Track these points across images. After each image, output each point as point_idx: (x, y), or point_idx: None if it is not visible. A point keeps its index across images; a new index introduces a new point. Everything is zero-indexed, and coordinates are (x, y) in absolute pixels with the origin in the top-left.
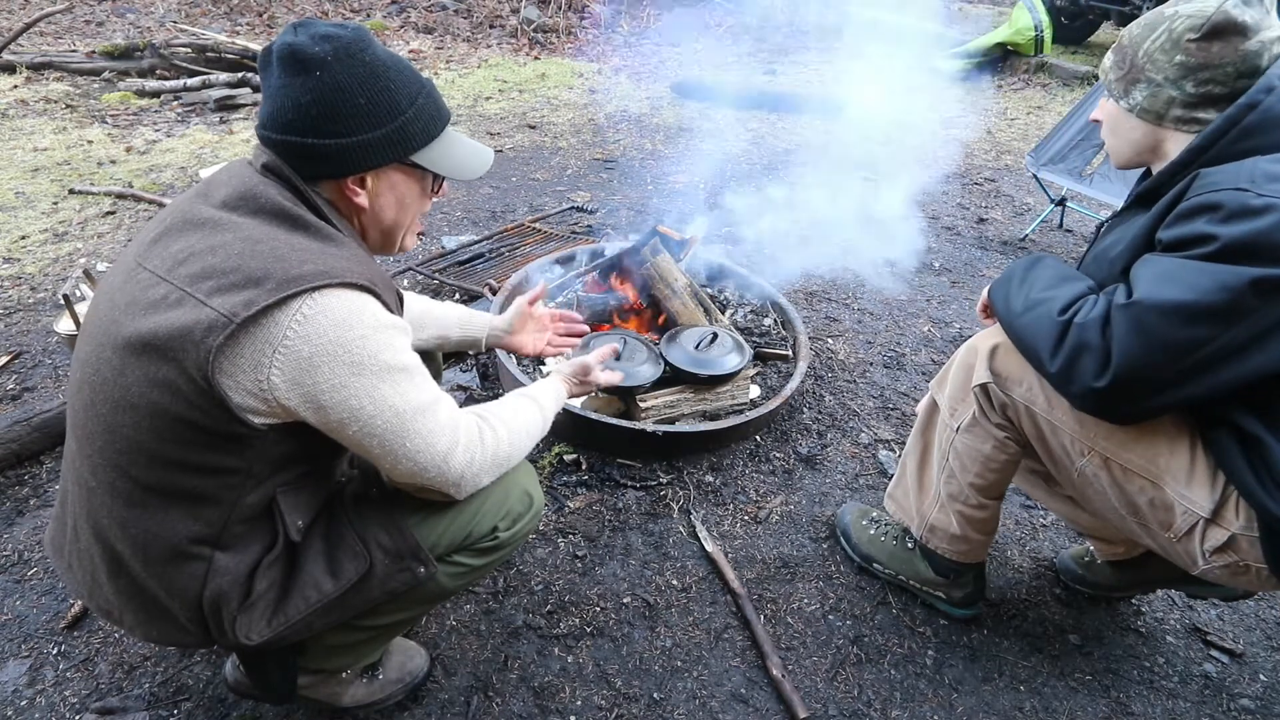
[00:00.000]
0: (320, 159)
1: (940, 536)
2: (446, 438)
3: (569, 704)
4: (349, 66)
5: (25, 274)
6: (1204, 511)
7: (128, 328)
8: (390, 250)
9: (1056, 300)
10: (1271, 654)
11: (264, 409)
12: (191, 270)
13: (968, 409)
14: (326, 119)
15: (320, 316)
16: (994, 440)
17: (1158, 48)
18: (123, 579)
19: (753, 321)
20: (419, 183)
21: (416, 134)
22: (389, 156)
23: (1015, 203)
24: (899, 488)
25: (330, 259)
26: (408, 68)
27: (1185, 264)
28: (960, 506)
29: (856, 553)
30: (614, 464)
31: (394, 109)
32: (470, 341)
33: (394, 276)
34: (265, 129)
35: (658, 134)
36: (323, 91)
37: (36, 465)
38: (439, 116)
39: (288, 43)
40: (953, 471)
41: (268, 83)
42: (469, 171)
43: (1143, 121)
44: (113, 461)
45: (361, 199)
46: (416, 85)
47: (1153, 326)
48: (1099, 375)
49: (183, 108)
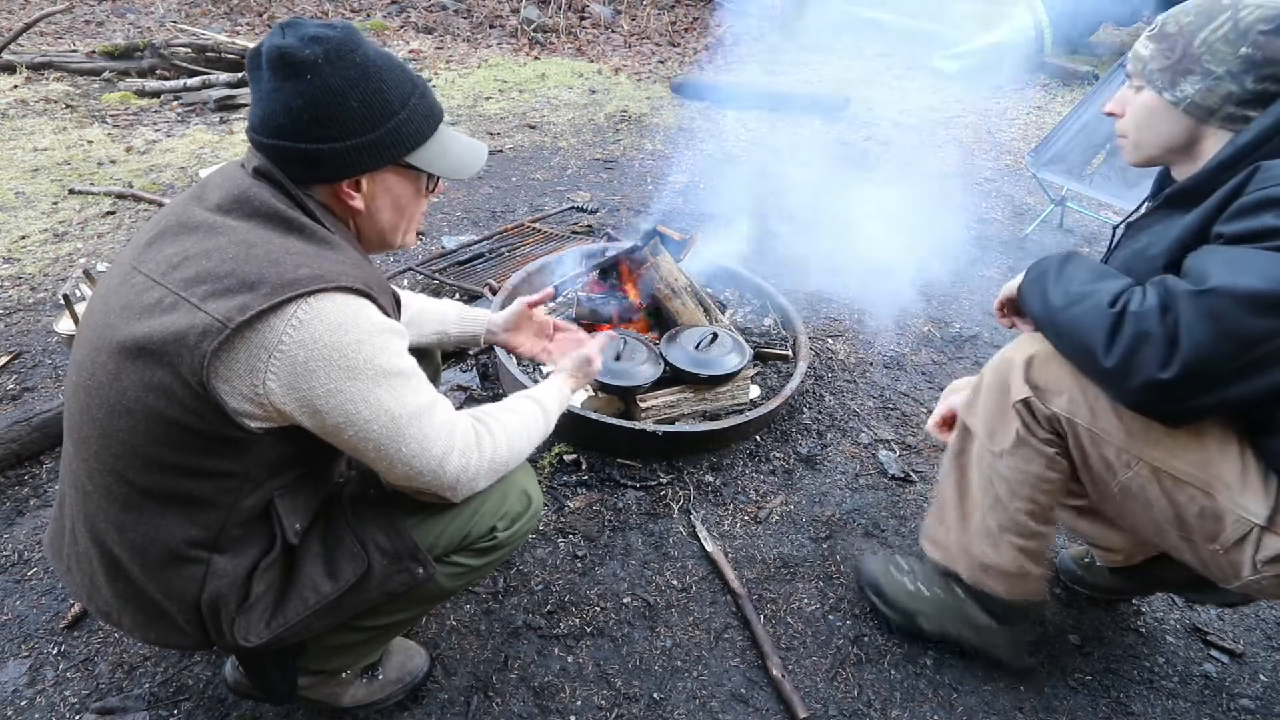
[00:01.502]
0: (313, 163)
1: (994, 575)
2: (442, 442)
3: (569, 704)
4: (340, 69)
5: (25, 274)
6: (1259, 519)
7: (122, 332)
8: (388, 249)
9: (1103, 292)
10: (1271, 654)
11: (260, 413)
12: (186, 274)
13: (1009, 429)
14: (319, 123)
15: (316, 321)
16: (1044, 458)
17: (1220, 38)
18: (121, 582)
19: (753, 321)
20: (414, 183)
21: (410, 135)
22: (383, 159)
23: (1015, 203)
24: (938, 527)
25: (325, 262)
26: (399, 66)
27: (1260, 254)
28: (1013, 538)
29: (895, 610)
30: (614, 464)
31: (387, 110)
32: (469, 337)
33: (394, 277)
34: (256, 133)
35: (658, 134)
36: (314, 95)
37: (36, 465)
38: (432, 115)
39: (276, 45)
40: (999, 499)
41: (257, 85)
42: (464, 170)
43: (1188, 116)
44: (109, 466)
45: (357, 202)
46: (409, 84)
47: (1227, 314)
48: (1164, 365)
49: (183, 108)
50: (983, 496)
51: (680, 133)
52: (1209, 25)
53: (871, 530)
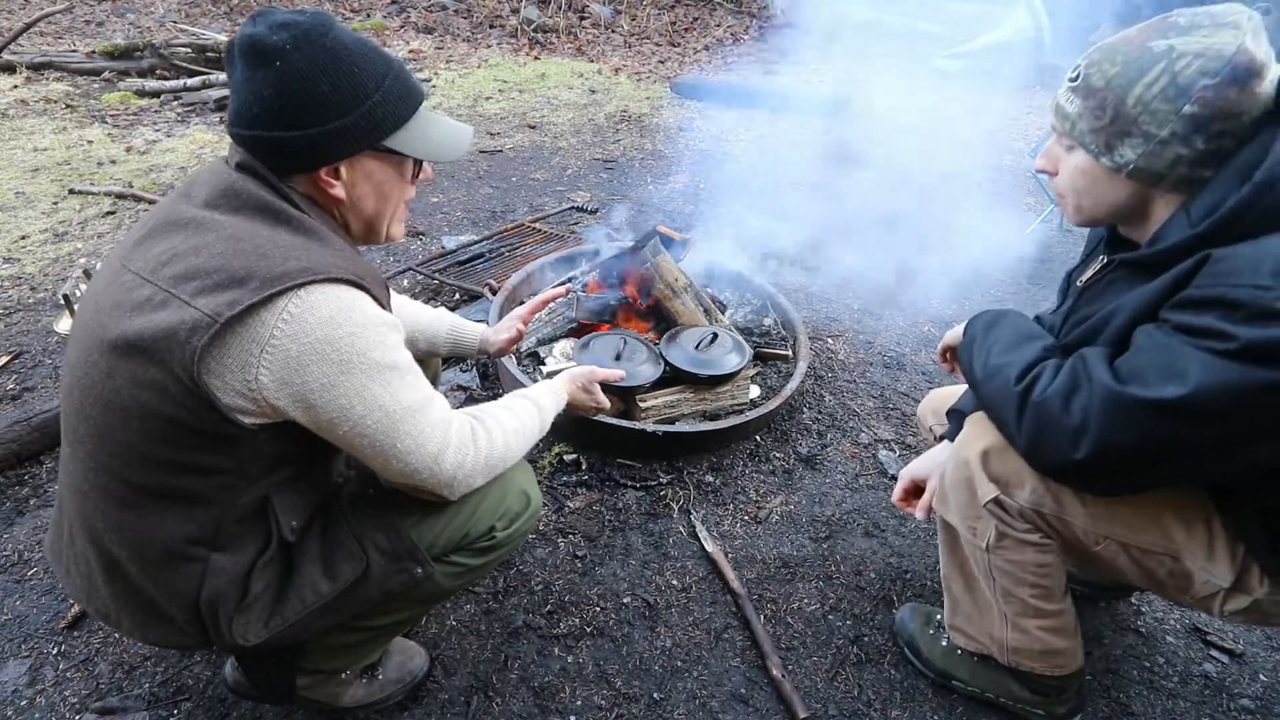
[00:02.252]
0: (290, 153)
1: (1029, 656)
2: (438, 438)
3: (569, 704)
4: (309, 53)
5: (25, 274)
6: (1225, 583)
7: (113, 330)
8: (376, 240)
9: (1012, 367)
10: (1271, 654)
11: (253, 409)
12: (175, 271)
13: (988, 526)
14: (290, 110)
15: (308, 314)
16: (1032, 546)
17: (1157, 95)
18: (119, 582)
19: (753, 321)
20: (396, 169)
21: (386, 118)
22: (359, 144)
23: (1015, 203)
24: (957, 617)
25: (315, 254)
26: (373, 49)
27: (1195, 354)
28: (1033, 621)
29: (930, 669)
30: (614, 464)
31: (360, 93)
32: (461, 354)
33: (394, 277)
34: (234, 125)
35: (658, 134)
36: (284, 81)
37: (36, 465)
38: (409, 97)
39: (247, 34)
40: (1007, 590)
41: (232, 78)
42: (447, 152)
43: (1133, 181)
44: (104, 464)
45: (338, 190)
46: (384, 66)
47: (1145, 421)
48: (1073, 448)
49: (183, 108)
50: (990, 589)
51: (680, 133)
52: (1141, 80)
53: (871, 530)
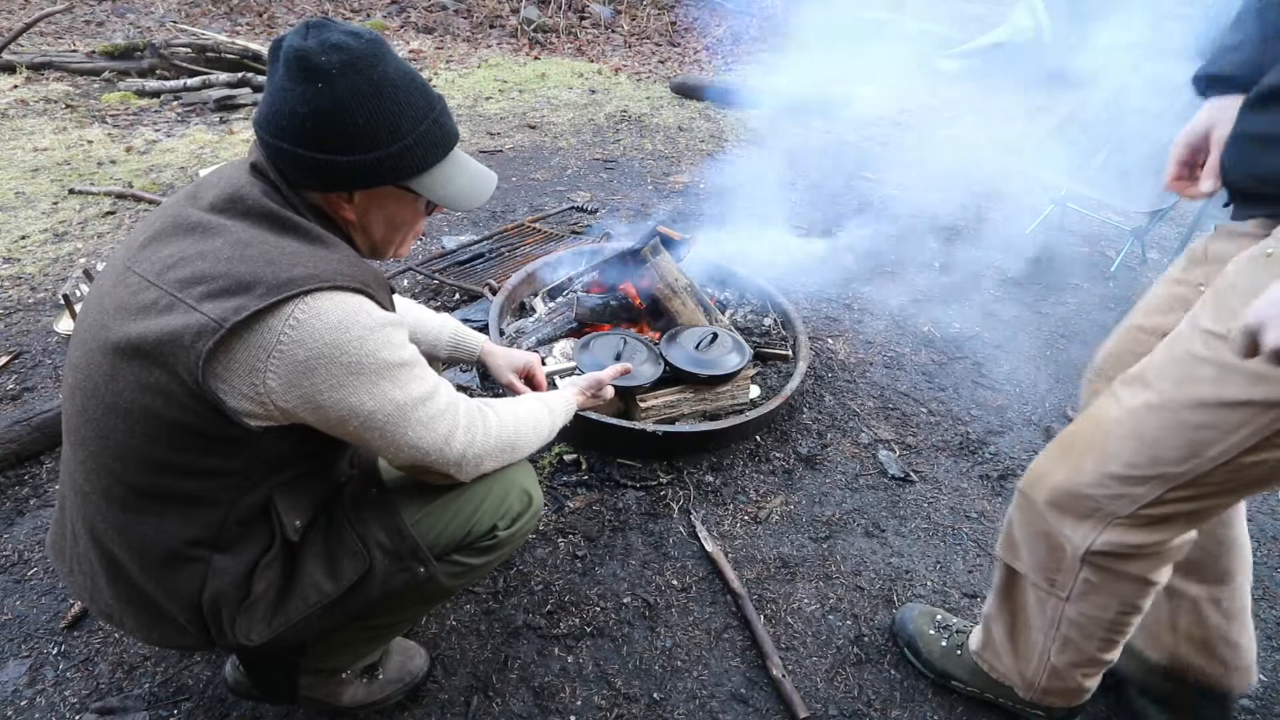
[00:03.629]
0: (309, 170)
1: (1058, 694)
2: (447, 420)
3: (569, 704)
4: (353, 82)
5: (25, 274)
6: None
7: (117, 332)
8: (378, 259)
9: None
10: (1271, 654)
11: (260, 412)
12: (181, 275)
13: (1074, 577)
14: (320, 134)
15: (314, 321)
16: (1133, 588)
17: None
18: (121, 583)
19: (753, 321)
20: (412, 204)
21: (414, 161)
22: (381, 180)
23: (1015, 202)
24: (987, 650)
25: (320, 261)
26: (419, 88)
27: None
28: (1082, 670)
29: (929, 669)
30: (614, 464)
31: (394, 133)
32: (460, 361)
33: (393, 277)
34: (259, 128)
35: (658, 134)
36: (321, 105)
37: (36, 465)
38: (443, 143)
39: (298, 46)
40: (1071, 641)
41: (271, 80)
42: (467, 202)
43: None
44: (106, 466)
45: (347, 212)
46: (425, 108)
47: None
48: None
49: (183, 108)
50: (1046, 638)
51: (680, 133)
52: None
53: (871, 530)
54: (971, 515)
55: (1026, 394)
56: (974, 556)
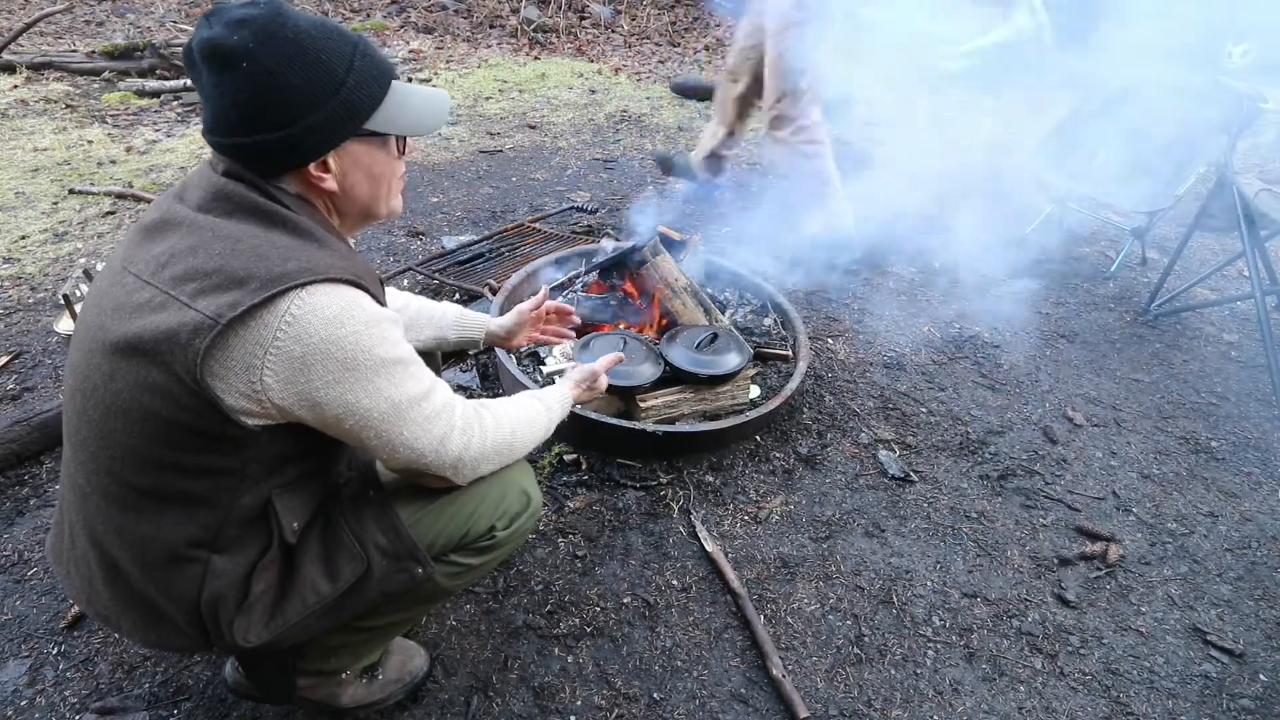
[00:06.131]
0: (274, 154)
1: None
2: (443, 421)
3: (569, 704)
4: (273, 48)
5: (25, 274)
6: None
7: (114, 332)
8: (375, 219)
9: None
10: (1271, 654)
11: (257, 410)
12: (174, 272)
13: None
14: (265, 111)
15: (310, 316)
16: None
17: None
18: (119, 584)
19: (753, 321)
20: (382, 148)
21: (362, 100)
22: (342, 133)
23: (1015, 202)
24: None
25: (312, 255)
26: (333, 29)
27: None
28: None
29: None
30: (614, 464)
31: (331, 80)
32: (468, 342)
33: (393, 276)
34: (212, 134)
35: (658, 134)
36: (256, 84)
37: (36, 465)
38: (381, 74)
39: (205, 38)
40: None
41: (200, 85)
42: (429, 122)
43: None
44: (106, 467)
45: (329, 183)
46: (348, 46)
47: None
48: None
49: (183, 108)
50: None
51: (680, 133)
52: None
53: (871, 530)
54: (971, 515)
55: (1026, 394)
56: (974, 556)
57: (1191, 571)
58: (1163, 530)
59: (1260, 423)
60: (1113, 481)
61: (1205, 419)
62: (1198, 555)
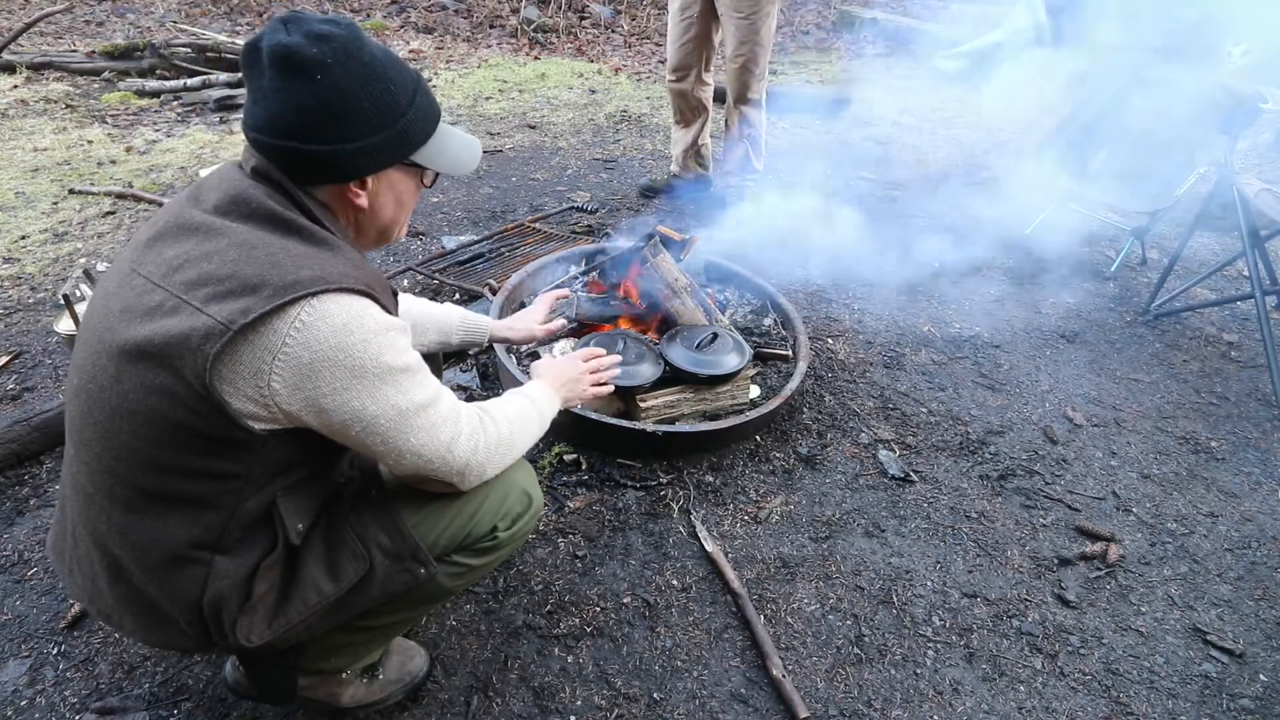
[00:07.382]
0: (322, 165)
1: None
2: (449, 428)
3: (569, 704)
4: (351, 69)
5: (25, 274)
6: None
7: (123, 334)
8: (387, 242)
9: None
10: (1271, 654)
11: (264, 414)
12: (187, 277)
13: None
14: (330, 125)
15: (320, 323)
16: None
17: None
18: (122, 585)
19: (753, 321)
20: (414, 179)
21: (416, 134)
22: (392, 159)
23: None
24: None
25: (325, 263)
26: (400, 63)
27: None
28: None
29: None
30: (614, 464)
31: (395, 111)
32: (472, 344)
33: (394, 276)
34: (259, 133)
35: (658, 134)
36: (326, 97)
37: (36, 465)
38: (433, 113)
39: (282, 43)
40: None
41: (257, 84)
42: (464, 166)
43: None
44: (110, 468)
45: (362, 200)
46: (412, 82)
47: None
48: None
49: (183, 108)
50: None
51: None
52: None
53: (871, 530)
54: (971, 515)
55: (1026, 394)
56: (974, 556)
57: (1191, 571)
58: (1163, 530)
59: (1260, 423)
60: (1113, 481)
61: (1205, 419)
62: (1198, 555)
